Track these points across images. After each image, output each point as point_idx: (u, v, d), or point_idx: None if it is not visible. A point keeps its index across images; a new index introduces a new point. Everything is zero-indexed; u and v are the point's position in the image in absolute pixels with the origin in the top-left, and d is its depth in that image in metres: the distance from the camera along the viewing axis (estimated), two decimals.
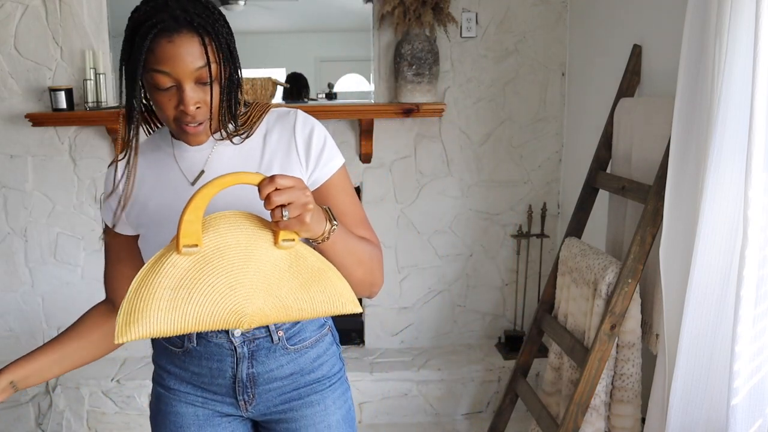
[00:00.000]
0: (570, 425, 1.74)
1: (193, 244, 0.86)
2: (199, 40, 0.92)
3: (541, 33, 2.63)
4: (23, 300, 2.66)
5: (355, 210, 1.08)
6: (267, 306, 0.91)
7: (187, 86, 0.93)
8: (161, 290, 0.85)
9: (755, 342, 1.27)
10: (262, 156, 1.03)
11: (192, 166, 1.05)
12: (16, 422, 2.51)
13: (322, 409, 1.13)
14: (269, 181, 0.84)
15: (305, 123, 1.05)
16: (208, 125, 0.99)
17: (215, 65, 0.94)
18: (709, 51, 1.36)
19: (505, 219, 2.76)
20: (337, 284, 0.97)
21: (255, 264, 0.89)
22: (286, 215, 0.85)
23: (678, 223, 1.51)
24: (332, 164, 1.05)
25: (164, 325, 0.86)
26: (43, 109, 2.48)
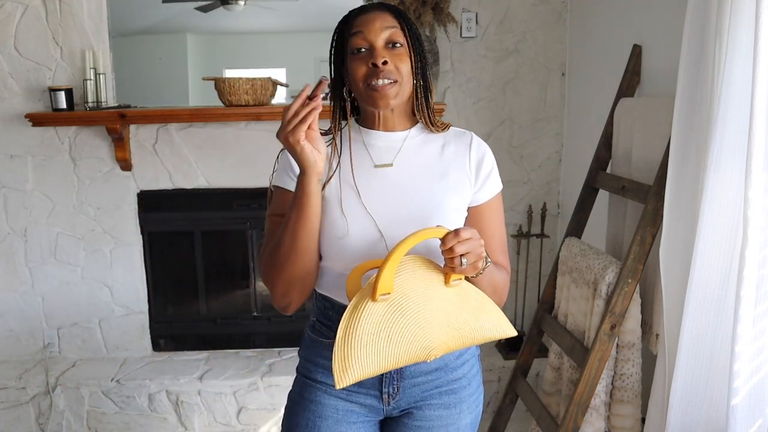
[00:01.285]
0: (570, 425, 1.74)
1: (386, 293, 0.98)
2: (390, 14, 1.09)
3: (541, 33, 2.63)
4: (23, 300, 2.66)
5: (501, 235, 1.20)
6: (449, 338, 1.03)
7: (377, 43, 1.07)
8: (366, 336, 0.97)
9: (755, 342, 1.27)
10: (439, 162, 1.15)
11: (381, 153, 1.14)
12: (16, 422, 2.51)
13: (457, 412, 1.18)
14: (454, 235, 0.96)
15: (479, 145, 1.19)
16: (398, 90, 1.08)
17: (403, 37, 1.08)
18: (709, 51, 1.36)
19: (506, 219, 2.74)
20: (495, 313, 1.10)
21: (435, 303, 1.02)
22: (465, 263, 0.97)
23: (678, 223, 1.51)
24: (494, 187, 1.17)
25: (372, 367, 0.98)
26: (43, 109, 2.48)
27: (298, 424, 1.18)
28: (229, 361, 2.65)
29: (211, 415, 2.52)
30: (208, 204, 2.64)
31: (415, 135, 1.16)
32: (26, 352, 2.68)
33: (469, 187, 1.15)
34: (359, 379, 0.96)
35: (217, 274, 2.74)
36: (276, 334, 2.74)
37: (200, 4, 3.75)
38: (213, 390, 2.50)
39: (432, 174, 1.13)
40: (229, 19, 3.44)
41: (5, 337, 2.67)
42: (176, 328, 2.76)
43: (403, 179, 1.12)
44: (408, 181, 1.12)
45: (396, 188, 1.11)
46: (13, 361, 2.65)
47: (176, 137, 2.57)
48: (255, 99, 2.40)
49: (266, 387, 2.50)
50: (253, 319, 2.75)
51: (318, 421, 1.16)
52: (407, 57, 1.08)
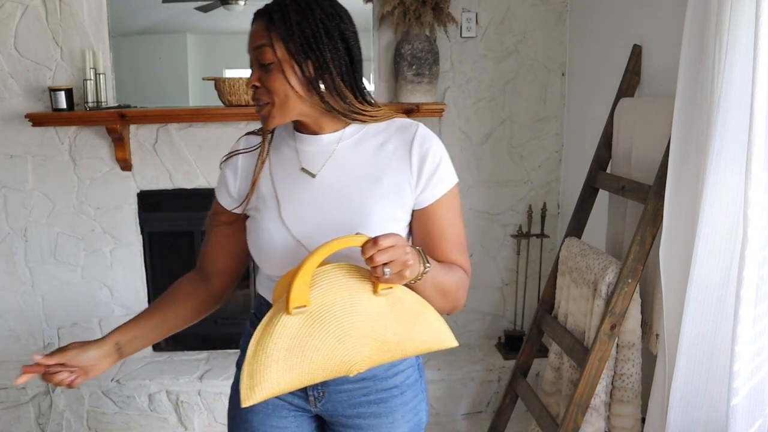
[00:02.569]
0: (570, 425, 1.73)
1: (302, 306, 0.91)
2: (264, 23, 1.00)
3: (541, 33, 2.63)
4: (23, 300, 2.66)
5: (455, 234, 1.09)
6: (373, 351, 0.97)
7: (253, 65, 1.02)
8: (277, 352, 0.91)
9: (755, 342, 1.27)
10: (375, 164, 1.06)
11: (310, 159, 1.08)
12: (16, 422, 2.51)
13: (390, 421, 1.13)
14: (372, 244, 0.87)
15: (423, 140, 1.06)
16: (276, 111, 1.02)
17: (280, 50, 0.98)
18: (709, 51, 1.36)
19: (505, 219, 2.76)
20: (434, 322, 1.01)
21: (359, 315, 0.95)
22: (387, 272, 0.89)
23: (678, 223, 1.51)
24: (443, 186, 1.06)
25: (283, 384, 0.92)
26: (43, 109, 2.48)
27: (234, 417, 1.21)
28: (229, 361, 2.65)
29: (211, 415, 2.52)
30: (208, 204, 2.61)
31: (350, 135, 1.08)
32: (26, 352, 2.68)
33: (409, 190, 1.05)
34: (268, 397, 0.92)
35: None
36: None
37: (200, 4, 3.76)
38: (213, 390, 2.50)
39: (363, 179, 1.05)
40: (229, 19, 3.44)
41: (5, 337, 2.67)
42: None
43: (329, 187, 1.06)
44: (334, 189, 1.05)
45: (320, 197, 1.05)
46: (13, 361, 2.65)
47: (176, 137, 2.57)
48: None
49: None
50: None
51: (249, 416, 1.16)
52: (282, 74, 0.99)
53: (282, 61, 0.99)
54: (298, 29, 0.98)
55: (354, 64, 1.04)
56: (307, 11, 0.99)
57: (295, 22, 0.98)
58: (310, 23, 0.99)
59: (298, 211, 1.06)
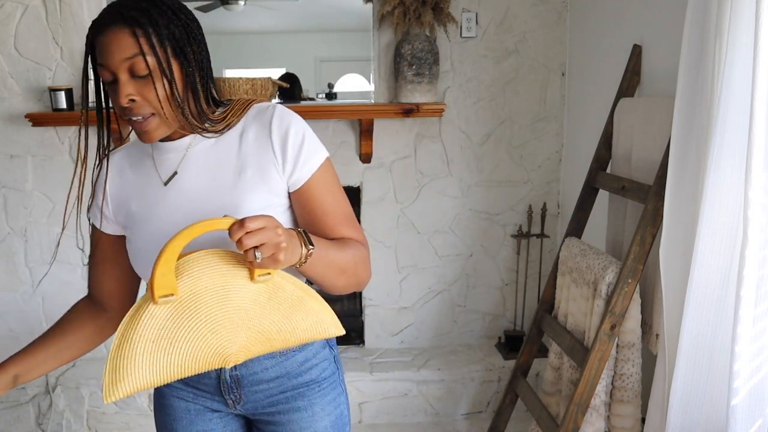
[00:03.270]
0: (570, 425, 1.74)
1: (168, 294, 0.85)
2: (129, 31, 0.91)
3: (541, 33, 2.63)
4: (23, 300, 2.66)
5: (338, 208, 1.05)
6: (250, 342, 0.91)
7: (121, 77, 0.93)
8: (142, 344, 0.85)
9: (755, 342, 1.27)
10: (237, 156, 1.01)
11: (168, 166, 1.04)
12: (16, 422, 2.51)
13: (310, 414, 1.11)
14: (239, 226, 0.82)
15: (281, 120, 1.01)
16: (159, 121, 0.97)
17: (151, 57, 0.92)
18: (709, 51, 1.36)
19: (505, 219, 2.76)
20: (317, 310, 0.96)
21: (233, 303, 0.89)
22: (259, 257, 0.84)
23: (678, 223, 1.51)
24: (312, 162, 1.01)
25: (149, 378, 0.86)
26: (43, 109, 2.48)
27: (158, 424, 1.19)
28: None
29: None
30: None
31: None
32: None
33: (277, 174, 1.00)
34: (133, 393, 0.86)
35: None
36: None
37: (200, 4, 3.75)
38: None
39: (228, 174, 1.00)
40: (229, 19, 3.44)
41: (5, 337, 2.67)
42: None
43: (195, 191, 1.01)
44: (199, 192, 1.01)
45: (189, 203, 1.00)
46: None
47: None
48: (255, 99, 2.40)
49: None
50: None
51: (174, 424, 1.15)
52: (159, 81, 0.93)
53: (155, 71, 0.93)
54: (168, 34, 0.93)
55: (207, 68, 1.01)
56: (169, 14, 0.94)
57: (163, 26, 0.93)
58: (174, 27, 0.94)
59: (167, 222, 1.01)
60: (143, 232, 1.04)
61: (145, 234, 1.04)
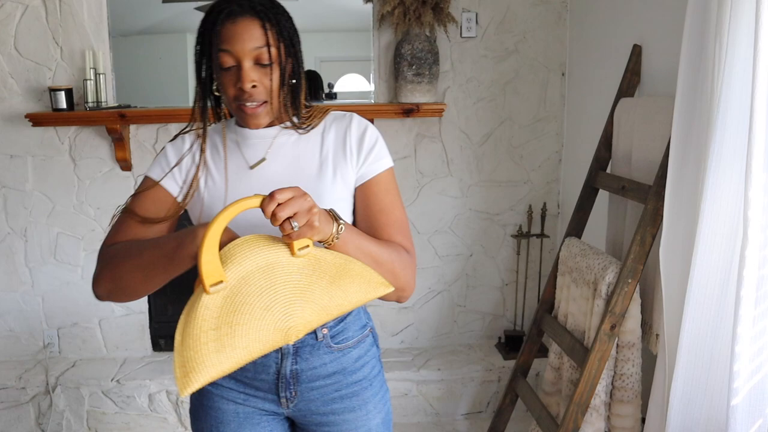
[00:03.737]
0: (570, 425, 1.73)
1: (218, 282, 0.88)
2: (260, 23, 1.00)
3: (541, 33, 2.63)
4: (23, 300, 2.66)
5: (393, 211, 1.11)
6: (307, 313, 0.93)
7: (245, 64, 1.01)
8: (204, 334, 0.88)
9: (755, 342, 1.27)
10: (320, 151, 1.10)
11: (254, 152, 1.10)
12: (16, 422, 2.51)
13: (364, 414, 1.14)
14: (270, 199, 0.86)
15: (360, 123, 1.12)
16: (268, 109, 1.04)
17: (275, 49, 1.01)
18: (709, 51, 1.36)
19: (505, 219, 2.76)
20: (362, 273, 0.98)
21: (281, 279, 0.92)
22: (295, 226, 0.87)
23: (678, 223, 1.51)
24: (380, 163, 1.10)
25: (219, 365, 0.87)
26: (43, 109, 2.48)
27: (202, 429, 1.18)
28: None
29: None
30: None
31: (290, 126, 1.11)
32: (26, 352, 2.68)
33: (351, 169, 1.09)
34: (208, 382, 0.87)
35: None
36: None
37: (200, 4, 3.75)
38: None
39: (310, 165, 1.09)
40: None
41: (5, 337, 2.67)
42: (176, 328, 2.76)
43: (280, 176, 1.07)
44: (284, 178, 1.06)
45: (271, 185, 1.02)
46: (13, 361, 2.65)
47: None
48: None
49: None
50: None
51: (221, 427, 1.15)
52: (277, 72, 1.03)
53: (276, 62, 1.02)
54: (287, 31, 1.04)
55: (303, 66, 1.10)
56: (284, 13, 1.05)
57: (284, 23, 1.04)
58: (291, 25, 1.05)
59: None
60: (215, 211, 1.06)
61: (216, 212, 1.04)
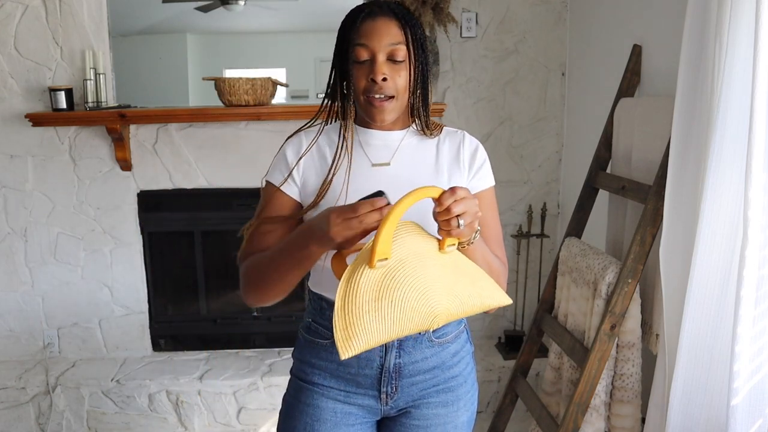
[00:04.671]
0: (570, 425, 1.73)
1: (384, 258, 0.93)
2: (397, 23, 1.07)
3: (541, 33, 2.63)
4: (23, 300, 2.66)
5: (495, 227, 1.19)
6: (451, 305, 0.98)
7: (379, 58, 1.06)
8: (366, 303, 0.91)
9: (755, 342, 1.27)
10: (436, 159, 1.16)
11: (378, 152, 1.14)
12: (16, 422, 2.51)
13: (454, 410, 1.18)
14: (451, 193, 0.92)
15: (472, 141, 1.20)
16: (395, 105, 1.09)
17: (409, 48, 1.07)
18: (709, 51, 1.36)
19: (505, 219, 2.76)
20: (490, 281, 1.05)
21: (433, 269, 0.97)
22: (462, 224, 0.93)
23: (678, 223, 1.51)
24: (487, 180, 1.19)
25: (377, 334, 0.92)
26: (43, 109, 2.48)
27: (295, 428, 1.18)
28: (229, 361, 2.65)
29: (211, 415, 2.52)
30: (208, 204, 2.64)
31: (412, 134, 1.17)
32: (26, 352, 2.68)
33: (464, 179, 1.16)
34: (365, 349, 0.91)
35: (217, 274, 2.74)
36: (276, 334, 2.74)
37: (200, 4, 3.75)
38: (213, 390, 2.50)
39: (429, 171, 1.15)
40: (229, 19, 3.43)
41: (5, 337, 2.67)
42: (176, 328, 2.76)
43: (401, 178, 1.12)
44: (406, 180, 1.11)
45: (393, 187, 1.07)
46: (13, 361, 2.65)
47: (176, 137, 2.57)
48: (255, 99, 2.40)
49: (266, 387, 2.50)
50: (253, 319, 2.75)
51: (316, 425, 1.15)
52: (407, 71, 1.08)
53: (409, 61, 1.08)
54: (421, 35, 1.10)
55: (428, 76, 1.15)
56: (420, 26, 1.12)
57: (418, 27, 1.10)
58: (422, 36, 1.11)
59: None
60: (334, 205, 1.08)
61: None
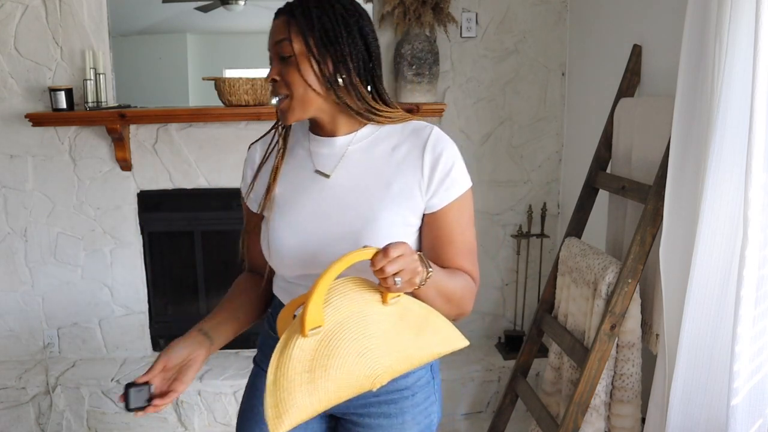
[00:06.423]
0: (570, 425, 1.73)
1: (317, 326, 0.89)
2: (284, 19, 1.01)
3: (541, 33, 2.63)
4: (23, 300, 2.66)
5: (464, 240, 1.08)
6: (394, 361, 0.95)
7: (273, 59, 1.02)
8: (298, 376, 0.88)
9: (755, 342, 1.27)
10: (386, 168, 1.05)
11: (324, 160, 1.08)
12: (16, 422, 2.51)
13: (400, 422, 1.12)
14: (383, 255, 0.86)
15: (437, 142, 1.04)
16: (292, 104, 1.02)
17: (298, 43, 0.99)
18: (709, 51, 1.36)
19: (505, 219, 2.76)
20: (443, 326, 1.01)
21: (373, 327, 0.93)
22: (399, 282, 0.88)
23: (678, 223, 1.51)
24: (453, 190, 1.05)
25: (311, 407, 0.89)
26: (43, 109, 2.48)
27: (243, 409, 1.20)
28: (229, 361, 2.65)
29: (211, 415, 2.52)
30: (208, 204, 2.64)
31: (363, 137, 1.08)
32: (26, 352, 2.68)
33: (419, 195, 1.04)
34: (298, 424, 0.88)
35: (217, 274, 2.74)
36: None
37: (200, 4, 3.75)
38: (213, 390, 2.50)
39: (374, 184, 1.04)
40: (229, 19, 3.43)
41: (5, 337, 2.67)
42: (176, 328, 2.75)
43: (340, 191, 1.05)
44: (344, 193, 1.05)
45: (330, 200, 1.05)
46: (13, 361, 2.65)
47: (176, 137, 2.57)
48: (255, 99, 2.40)
49: None
50: None
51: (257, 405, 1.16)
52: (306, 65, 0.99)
53: (300, 55, 0.99)
54: (319, 24, 0.99)
55: (372, 63, 1.05)
56: (327, 7, 1.00)
57: (315, 17, 0.99)
58: (330, 18, 1.00)
59: (308, 214, 1.06)
60: (287, 218, 1.07)
61: (288, 220, 1.07)
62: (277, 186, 1.10)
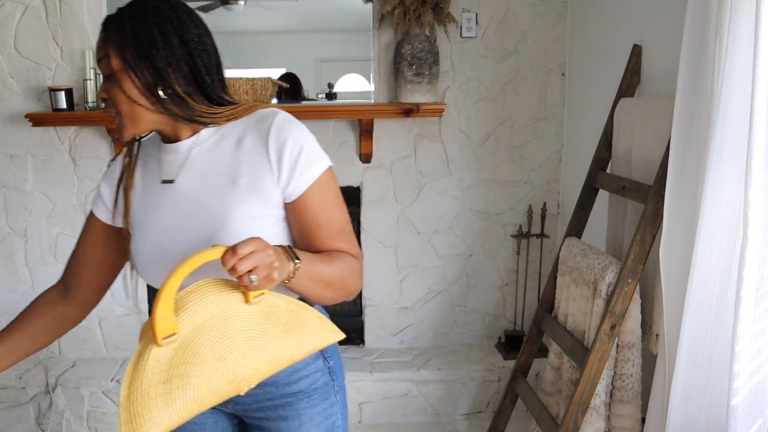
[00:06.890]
0: (570, 425, 1.73)
1: (170, 334, 0.85)
2: (102, 38, 0.98)
3: (541, 33, 2.63)
4: (23, 300, 2.65)
5: (333, 221, 1.04)
6: (259, 363, 0.91)
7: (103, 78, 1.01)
8: (153, 387, 0.84)
9: (755, 342, 1.27)
10: (232, 164, 1.01)
11: (169, 167, 1.06)
12: (16, 422, 2.51)
13: (297, 424, 1.10)
14: (231, 254, 0.83)
15: (281, 130, 1.00)
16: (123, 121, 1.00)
17: (116, 60, 0.96)
18: (709, 51, 1.36)
19: (505, 219, 2.76)
20: (314, 320, 0.97)
21: (234, 328, 0.89)
22: (254, 279, 0.85)
23: (678, 223, 1.51)
24: (308, 175, 1.00)
25: (168, 421, 0.84)
26: (43, 109, 2.48)
27: None
28: None
29: None
30: None
31: (206, 138, 1.04)
32: None
33: (272, 185, 0.99)
34: None
35: None
36: None
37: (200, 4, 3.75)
38: None
39: (220, 182, 1.01)
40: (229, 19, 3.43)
41: None
42: None
43: (187, 194, 1.03)
44: (191, 196, 1.02)
45: (179, 206, 1.02)
46: None
47: None
48: (255, 99, 2.40)
49: None
50: None
51: None
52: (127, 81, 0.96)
53: (119, 72, 0.96)
54: (133, 37, 0.96)
55: (197, 68, 1.00)
56: (141, 18, 0.97)
57: (129, 29, 0.96)
58: (144, 29, 0.96)
59: (163, 225, 1.04)
60: (143, 232, 1.06)
61: (143, 233, 1.06)
62: (134, 201, 1.08)
